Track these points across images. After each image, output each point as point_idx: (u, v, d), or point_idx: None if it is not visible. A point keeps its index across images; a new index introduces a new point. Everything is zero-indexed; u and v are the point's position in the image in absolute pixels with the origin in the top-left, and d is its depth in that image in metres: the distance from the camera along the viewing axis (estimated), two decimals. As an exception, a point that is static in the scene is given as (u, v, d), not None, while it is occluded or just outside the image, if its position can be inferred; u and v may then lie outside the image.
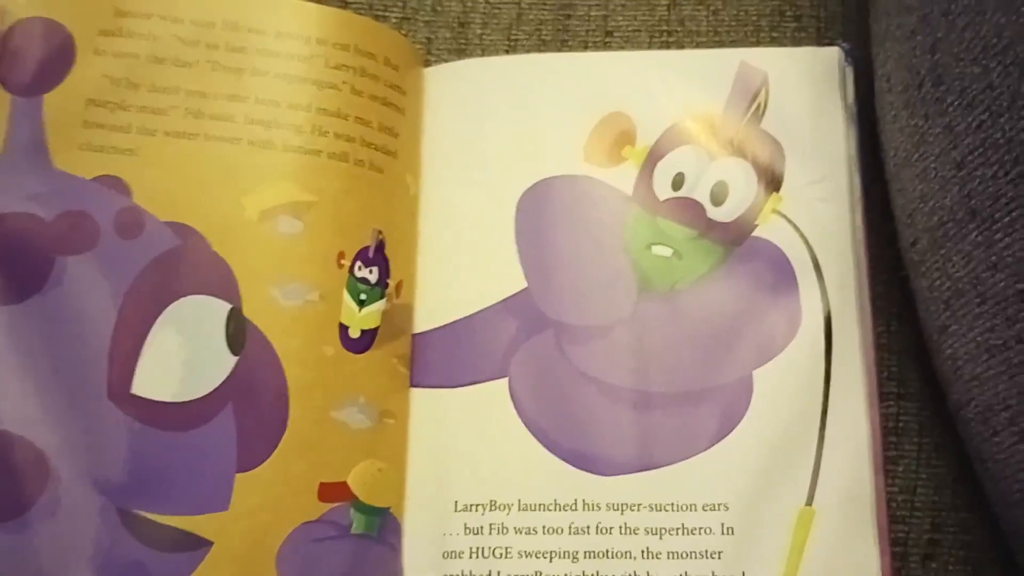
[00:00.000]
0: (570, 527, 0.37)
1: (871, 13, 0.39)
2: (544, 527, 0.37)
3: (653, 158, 0.41)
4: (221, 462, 0.35)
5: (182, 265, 0.36)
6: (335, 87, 0.39)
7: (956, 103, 0.33)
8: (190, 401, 0.36)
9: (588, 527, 0.37)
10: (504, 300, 0.40)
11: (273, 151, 0.38)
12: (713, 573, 0.36)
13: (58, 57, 0.37)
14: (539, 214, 0.40)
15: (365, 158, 0.39)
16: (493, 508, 0.38)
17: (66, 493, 0.34)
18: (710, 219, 0.40)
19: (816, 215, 0.39)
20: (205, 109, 0.38)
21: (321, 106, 0.38)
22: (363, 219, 0.39)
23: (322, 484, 0.36)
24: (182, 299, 0.36)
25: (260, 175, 0.37)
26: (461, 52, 0.44)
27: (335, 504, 0.36)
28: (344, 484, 0.37)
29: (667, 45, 0.43)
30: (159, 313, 0.36)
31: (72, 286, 0.36)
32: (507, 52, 0.44)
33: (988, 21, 0.31)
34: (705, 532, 0.37)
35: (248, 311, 0.36)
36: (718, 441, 0.38)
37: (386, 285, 0.39)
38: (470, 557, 0.37)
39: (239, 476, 0.35)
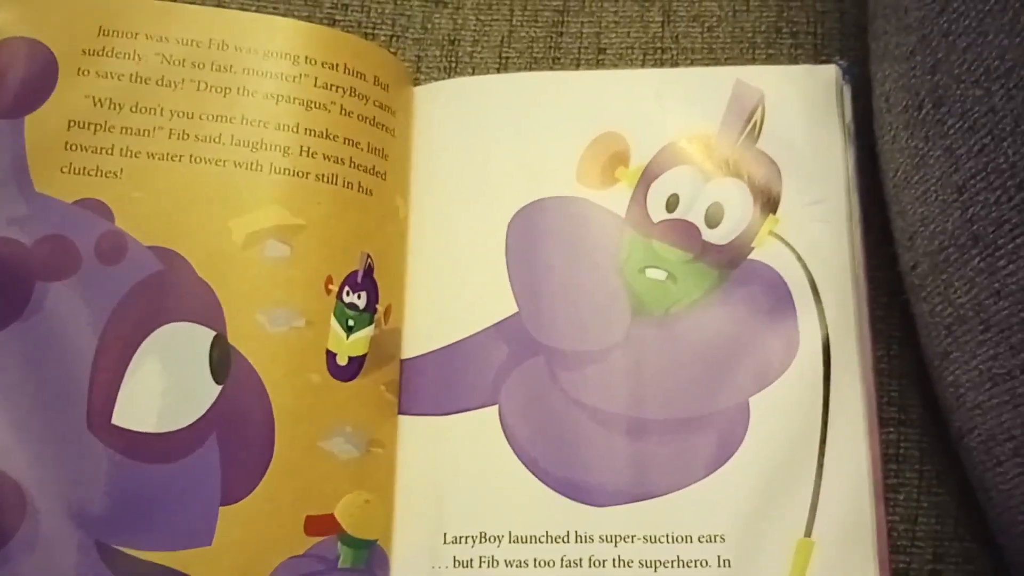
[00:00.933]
0: (562, 560, 0.37)
1: (869, 31, 0.39)
2: (536, 560, 0.37)
3: (647, 179, 0.40)
4: (204, 495, 0.34)
5: (165, 291, 0.36)
6: (324, 107, 0.38)
7: (957, 126, 0.32)
8: (172, 432, 0.35)
9: (581, 559, 0.36)
10: (495, 325, 0.39)
11: (260, 173, 0.37)
12: (710, 607, 0.36)
13: (40, 78, 0.37)
14: (530, 237, 0.40)
15: (354, 180, 0.38)
16: (483, 540, 0.37)
17: (44, 527, 0.33)
18: (705, 241, 0.39)
19: (814, 237, 0.39)
20: (190, 130, 0.37)
21: (309, 127, 0.38)
22: (352, 243, 0.38)
23: (308, 517, 0.35)
24: (165, 326, 0.36)
25: (246, 198, 0.37)
26: (451, 70, 0.43)
27: (322, 537, 0.36)
28: (331, 516, 0.36)
29: (661, 63, 0.43)
30: (141, 340, 0.35)
31: (52, 313, 0.35)
32: (498, 70, 0.43)
33: (990, 43, 0.31)
34: (701, 565, 0.36)
35: (233, 338, 0.36)
36: (714, 470, 0.37)
37: (374, 310, 0.38)
38: (460, 590, 0.37)
39: (223, 509, 0.34)
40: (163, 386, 0.35)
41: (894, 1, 0.36)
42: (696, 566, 0.36)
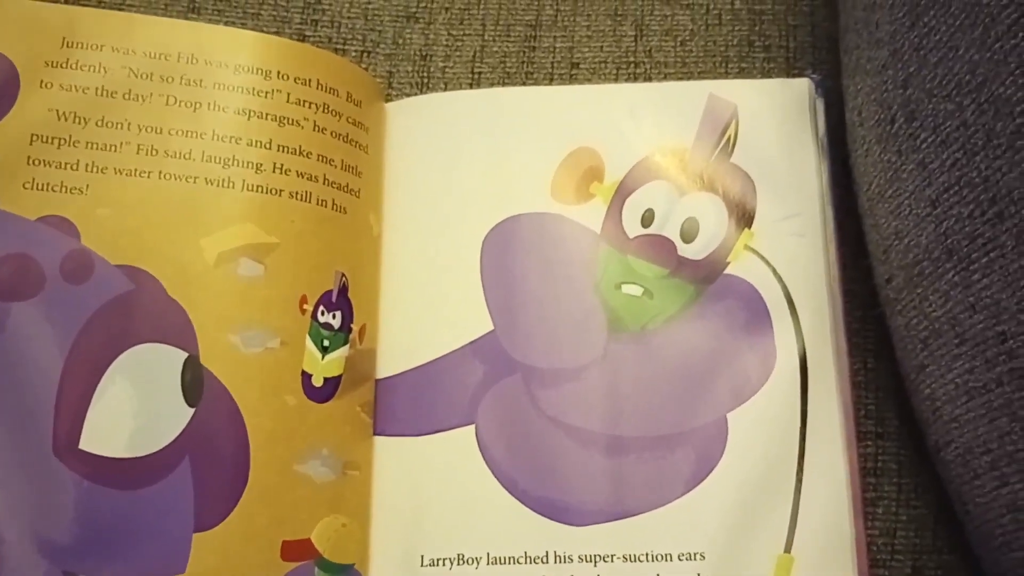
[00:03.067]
0: (542, 580, 0.36)
1: (841, 45, 0.39)
2: (515, 581, 0.36)
3: (622, 194, 0.40)
4: (177, 521, 0.33)
5: (135, 311, 0.35)
6: (297, 123, 0.38)
7: (930, 140, 0.32)
8: (143, 456, 0.34)
9: (561, 580, 0.36)
10: (470, 343, 0.39)
11: (232, 190, 0.36)
12: (691, 625, 0.36)
13: (0, 89, 0.36)
14: (505, 253, 0.39)
15: (328, 198, 0.38)
16: (461, 562, 0.36)
17: (9, 557, 0.32)
18: (681, 257, 0.39)
19: (789, 251, 0.39)
20: (159, 145, 0.36)
21: (282, 143, 0.37)
22: (326, 261, 0.37)
23: (285, 542, 0.35)
24: (135, 347, 0.35)
25: (218, 215, 0.36)
26: (423, 86, 0.43)
27: (298, 563, 0.35)
28: (308, 541, 0.35)
29: (634, 77, 0.43)
30: (109, 362, 0.34)
31: (15, 334, 0.34)
32: (471, 86, 0.43)
33: (961, 58, 0.31)
34: (682, 583, 0.36)
35: (206, 359, 0.35)
36: (693, 487, 0.37)
37: (349, 330, 0.38)
38: (438, 614, 0.36)
39: (197, 536, 0.34)
40: (133, 409, 0.34)
41: (865, 15, 0.36)
42: (677, 584, 0.36)
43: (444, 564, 0.36)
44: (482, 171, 0.40)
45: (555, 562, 0.36)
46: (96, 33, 0.37)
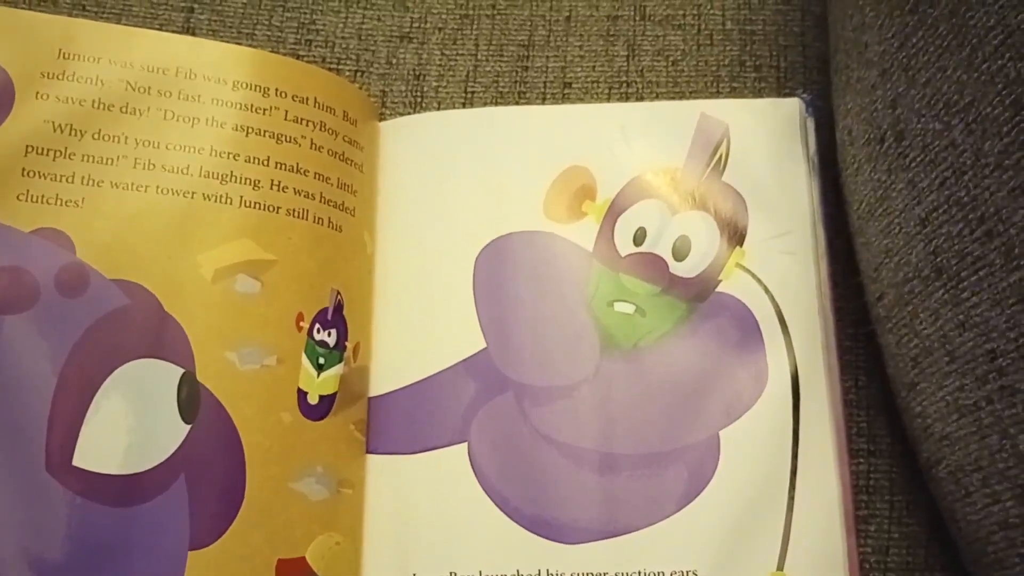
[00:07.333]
0: (535, 598, 0.36)
1: (831, 65, 0.39)
2: (507, 598, 0.36)
3: (614, 212, 0.40)
4: (172, 539, 0.33)
5: (130, 326, 0.35)
6: (295, 141, 0.38)
7: (919, 159, 0.33)
8: (138, 473, 0.34)
9: (554, 598, 0.36)
10: (463, 361, 0.39)
11: (230, 206, 0.36)
12: (684, 643, 0.36)
13: None
14: (498, 272, 0.39)
15: (324, 216, 0.38)
16: (454, 580, 0.36)
17: None
18: (673, 275, 0.39)
19: (781, 269, 0.39)
20: (156, 160, 0.36)
21: (280, 160, 0.37)
22: (322, 279, 0.37)
23: (280, 560, 0.34)
24: (130, 363, 0.34)
25: (216, 231, 0.36)
26: (416, 105, 0.43)
27: (294, 582, 0.35)
28: (303, 560, 0.35)
29: (626, 96, 0.43)
30: (104, 378, 0.34)
31: (8, 348, 0.34)
32: (464, 105, 0.43)
33: (949, 78, 0.31)
34: (675, 601, 0.36)
35: (202, 376, 0.35)
36: (686, 505, 0.37)
37: (344, 348, 0.38)
38: (430, 633, 0.36)
39: (192, 554, 0.33)
40: (128, 425, 0.34)
41: (855, 36, 0.36)
42: (669, 602, 0.36)
43: (437, 582, 0.36)
44: (475, 190, 0.40)
45: (548, 580, 0.36)
46: (94, 45, 0.37)
